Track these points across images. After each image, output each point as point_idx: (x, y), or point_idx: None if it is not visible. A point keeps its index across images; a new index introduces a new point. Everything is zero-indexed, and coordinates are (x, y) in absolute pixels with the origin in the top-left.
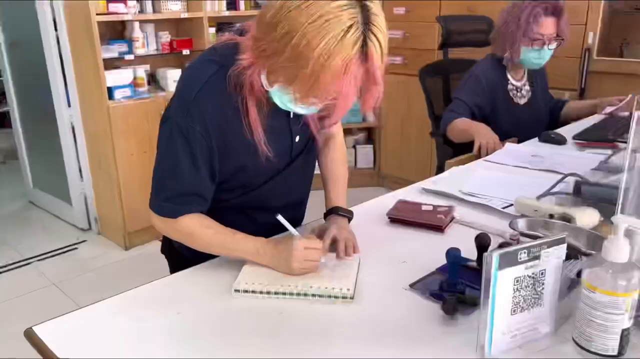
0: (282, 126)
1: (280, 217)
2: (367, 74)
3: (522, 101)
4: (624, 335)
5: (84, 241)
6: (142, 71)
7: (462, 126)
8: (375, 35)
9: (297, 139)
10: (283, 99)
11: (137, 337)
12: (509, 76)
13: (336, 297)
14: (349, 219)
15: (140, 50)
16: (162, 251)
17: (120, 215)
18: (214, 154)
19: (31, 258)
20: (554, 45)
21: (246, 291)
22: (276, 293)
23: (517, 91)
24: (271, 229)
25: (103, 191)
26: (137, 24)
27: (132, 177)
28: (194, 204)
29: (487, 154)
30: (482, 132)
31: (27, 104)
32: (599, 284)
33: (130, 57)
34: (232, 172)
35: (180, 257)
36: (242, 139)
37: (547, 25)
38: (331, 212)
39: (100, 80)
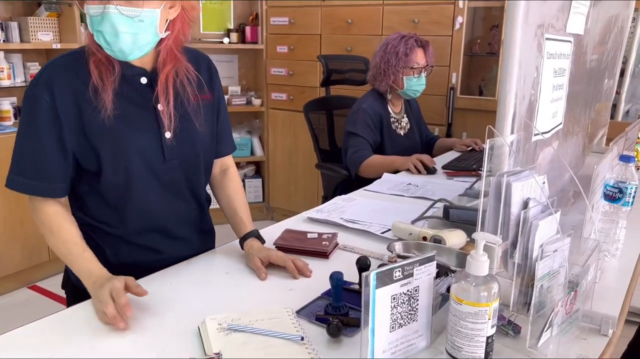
0: (147, 118)
1: None
2: None
3: (402, 132)
4: (489, 342)
5: None
6: (7, 104)
7: (380, 162)
8: None
9: (167, 135)
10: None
11: None
12: (389, 109)
13: None
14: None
15: (5, 82)
16: (62, 287)
17: None
18: (62, 126)
19: None
20: (426, 72)
21: None
22: None
23: (398, 123)
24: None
25: None
26: (1, 54)
27: None
28: (42, 181)
29: (425, 169)
30: (402, 159)
31: None
32: (464, 297)
33: None
34: (98, 160)
35: (79, 291)
36: (99, 119)
37: (420, 55)
38: (248, 236)
39: None
